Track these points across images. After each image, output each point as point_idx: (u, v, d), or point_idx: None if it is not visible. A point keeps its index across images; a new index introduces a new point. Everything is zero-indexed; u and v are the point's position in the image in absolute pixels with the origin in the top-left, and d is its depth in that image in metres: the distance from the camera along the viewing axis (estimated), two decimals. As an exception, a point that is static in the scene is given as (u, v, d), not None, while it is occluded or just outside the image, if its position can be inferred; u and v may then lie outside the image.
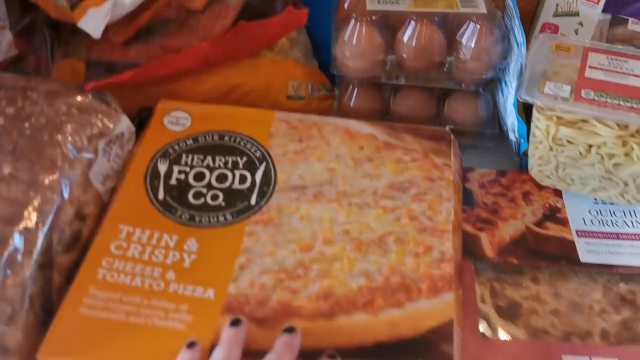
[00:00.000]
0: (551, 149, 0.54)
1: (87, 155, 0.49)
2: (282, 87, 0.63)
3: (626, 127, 0.51)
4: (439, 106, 0.63)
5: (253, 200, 0.52)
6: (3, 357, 0.41)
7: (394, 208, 0.52)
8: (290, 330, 0.43)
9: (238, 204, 0.52)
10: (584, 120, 0.52)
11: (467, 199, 0.57)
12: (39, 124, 0.48)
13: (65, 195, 0.46)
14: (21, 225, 0.43)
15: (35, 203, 0.44)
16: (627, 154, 0.51)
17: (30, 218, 0.44)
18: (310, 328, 0.44)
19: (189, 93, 0.61)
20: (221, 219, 0.51)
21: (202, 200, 0.52)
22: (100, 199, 0.51)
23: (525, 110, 0.58)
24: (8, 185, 0.44)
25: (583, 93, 0.51)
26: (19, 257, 0.42)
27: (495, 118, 0.63)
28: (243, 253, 0.49)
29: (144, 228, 0.50)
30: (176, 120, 0.58)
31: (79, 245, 0.48)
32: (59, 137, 0.48)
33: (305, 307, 0.45)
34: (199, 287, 0.46)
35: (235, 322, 0.44)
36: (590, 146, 0.52)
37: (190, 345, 0.42)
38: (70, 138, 0.48)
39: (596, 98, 0.50)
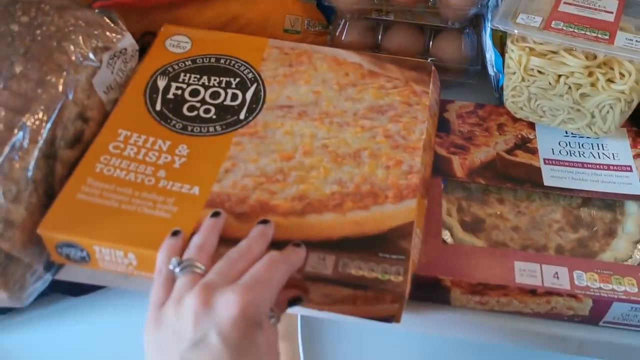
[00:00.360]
0: (523, 79, 0.57)
1: (92, 64, 0.54)
2: (279, 21, 0.67)
3: (594, 57, 0.54)
4: (426, 44, 0.67)
5: (242, 116, 0.57)
6: (9, 230, 0.46)
7: (371, 127, 0.56)
8: (264, 222, 0.48)
9: (228, 117, 0.56)
10: (554, 52, 0.55)
11: (444, 126, 0.61)
12: (49, 32, 0.52)
13: (70, 95, 0.51)
14: (29, 117, 0.48)
15: (43, 99, 0.49)
16: (593, 84, 0.54)
17: (37, 111, 0.49)
18: (283, 223, 0.49)
19: (190, 21, 0.65)
20: (211, 129, 0.56)
21: (195, 113, 0.57)
22: (103, 107, 0.56)
23: (503, 48, 0.61)
24: (19, 82, 0.49)
25: (553, 24, 0.54)
26: (25, 144, 0.47)
27: (479, 56, 0.66)
28: (229, 159, 0.53)
29: (141, 133, 0.54)
30: (177, 43, 0.62)
31: (82, 145, 0.53)
32: (67, 44, 0.53)
33: (280, 206, 0.50)
34: (186, 184, 0.51)
35: (215, 214, 0.48)
36: (559, 76, 0.55)
37: (175, 233, 0.47)
38: (77, 47, 0.53)
39: (564, 28, 0.53)
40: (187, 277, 0.42)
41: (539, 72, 0.56)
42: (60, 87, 0.51)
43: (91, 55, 0.54)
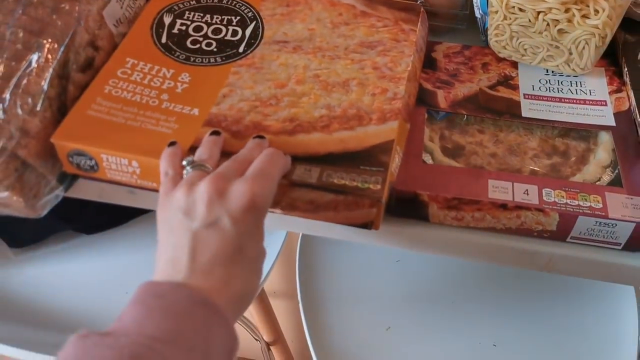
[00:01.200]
0: (505, 17, 0.60)
1: (102, -4, 0.58)
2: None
3: (570, -5, 0.57)
4: (419, -9, 0.70)
5: (241, 49, 0.61)
6: (25, 139, 0.51)
7: (361, 60, 0.60)
8: (260, 137, 0.52)
9: (228, 51, 0.61)
10: (533, -10, 0.58)
11: (431, 64, 0.65)
12: (63, -35, 0.57)
13: (82, 23, 0.56)
14: (44, 38, 0.53)
15: (57, 24, 0.54)
16: (569, 20, 0.58)
17: (52, 34, 0.53)
18: (275, 140, 0.53)
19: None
20: (212, 60, 0.60)
21: (197, 46, 0.61)
22: (112, 38, 0.60)
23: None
24: (36, 8, 0.54)
25: (531, -38, 0.57)
26: (41, 63, 0.52)
27: (469, 1, 0.69)
28: (227, 86, 0.58)
29: (147, 62, 0.59)
30: None
31: (92, 71, 0.58)
32: (80, -23, 0.57)
33: (272, 126, 0.54)
34: (186, 106, 0.56)
35: (214, 132, 0.53)
36: (538, 13, 0.59)
37: (171, 144, 0.51)
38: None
39: (542, -35, 0.57)
40: (196, 172, 0.47)
41: (520, 9, 0.59)
42: (73, 15, 0.55)
43: (102, -11, 0.58)
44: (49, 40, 0.53)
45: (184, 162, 0.48)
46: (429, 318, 0.82)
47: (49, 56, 0.53)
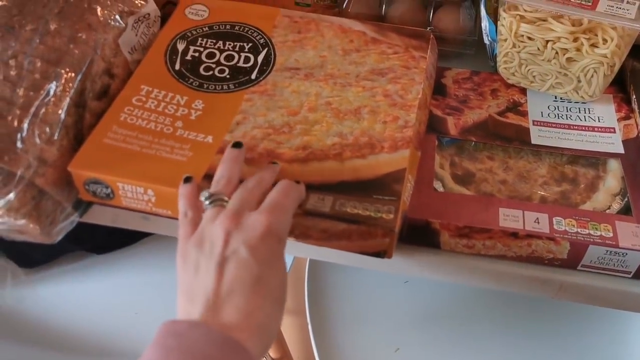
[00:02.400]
0: (514, 45, 0.61)
1: (118, 25, 0.59)
2: (291, -7, 0.73)
3: (579, 24, 0.58)
4: (428, 16, 0.71)
5: (253, 76, 0.62)
6: (42, 167, 0.52)
7: (372, 87, 0.61)
8: (273, 162, 0.53)
9: (240, 77, 0.62)
10: (542, 19, 0.59)
11: (440, 90, 0.65)
12: (80, -5, 0.58)
13: (98, 52, 0.57)
14: (61, 68, 0.54)
15: (74, 53, 0.55)
16: (578, 49, 0.59)
17: (70, 63, 0.54)
18: (288, 169, 0.54)
19: (208, -8, 0.71)
20: (225, 87, 0.61)
21: (210, 73, 0.62)
22: (128, 66, 0.61)
23: (497, 17, 0.66)
24: (53, 38, 0.55)
25: (541, -8, 0.58)
26: (58, 92, 0.53)
27: (477, 28, 0.70)
28: (240, 113, 0.58)
29: (161, 89, 0.60)
30: (196, 11, 0.68)
31: (108, 98, 0.58)
32: (96, 7, 0.58)
33: (285, 154, 0.55)
34: (200, 134, 0.56)
35: (236, 144, 0.52)
36: (547, 42, 0.59)
37: (186, 180, 0.50)
38: (105, 9, 0.58)
39: (551, -4, 0.58)
40: (215, 209, 0.47)
41: (529, 38, 0.60)
42: (90, 44, 0.56)
43: (118, 18, 0.59)
44: (67, 69, 0.54)
45: (202, 198, 0.48)
46: (438, 339, 0.83)
47: (67, 85, 0.54)
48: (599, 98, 0.63)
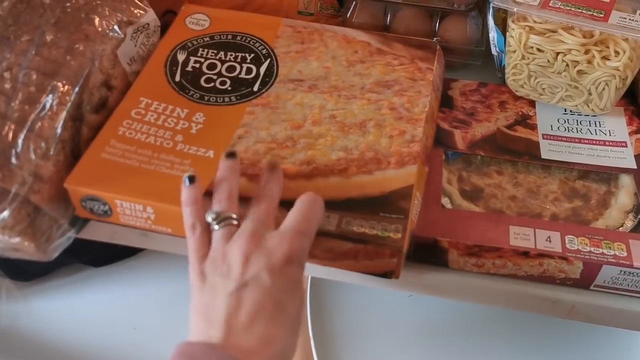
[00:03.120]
0: (523, 57, 0.60)
1: (117, 36, 0.58)
2: (294, 3, 0.71)
3: (591, 36, 0.56)
4: (434, 26, 0.70)
5: (256, 88, 0.60)
6: (38, 184, 0.50)
7: (377, 100, 0.59)
8: (271, 165, 0.50)
9: (242, 89, 0.60)
10: (552, 31, 0.58)
11: (447, 103, 0.64)
12: (78, 5, 0.56)
13: (96, 64, 0.55)
14: (58, 80, 0.52)
15: (71, 65, 0.53)
16: (589, 62, 0.57)
17: (66, 75, 0.53)
18: (292, 185, 0.52)
19: (209, 2, 0.69)
20: (227, 99, 0.59)
21: (212, 85, 0.60)
22: (126, 77, 0.60)
23: (505, 28, 0.64)
24: (50, 49, 0.53)
25: (551, 2, 0.56)
26: (55, 105, 0.51)
27: (484, 38, 0.69)
28: (242, 127, 0.57)
29: (161, 101, 0.58)
30: (197, 21, 0.66)
31: (106, 111, 0.57)
32: (94, 17, 0.56)
33: (289, 169, 0.53)
34: (201, 148, 0.55)
35: (230, 154, 0.49)
36: (557, 54, 0.58)
37: (190, 180, 0.47)
38: (103, 19, 0.57)
39: (562, 7, 0.56)
40: (226, 229, 0.45)
41: (538, 49, 0.59)
42: (88, 55, 0.54)
43: (116, 28, 0.58)
44: (63, 82, 0.52)
45: (209, 219, 0.46)
46: (442, 354, 0.81)
47: (63, 98, 0.52)
48: (610, 111, 0.62)
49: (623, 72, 0.56)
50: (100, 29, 0.56)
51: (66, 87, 0.52)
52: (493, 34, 0.64)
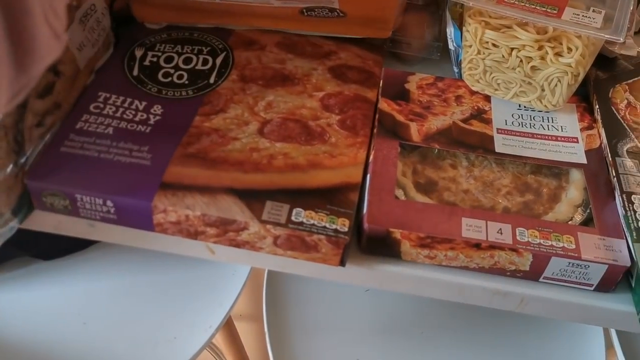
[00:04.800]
0: (479, 52, 0.60)
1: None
2: None
3: (545, 32, 0.57)
4: (392, 20, 0.70)
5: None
6: (-22, 170, 0.48)
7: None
8: None
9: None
10: (507, 26, 0.58)
11: (404, 96, 0.64)
12: (24, -14, 0.54)
13: (42, 47, 0.53)
14: (1, 63, 0.50)
15: (15, 48, 0.51)
16: (542, 58, 0.58)
17: (9, 59, 0.51)
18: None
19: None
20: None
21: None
22: (75, 62, 0.58)
23: (462, 23, 0.65)
24: (-8, 31, 0.51)
25: (506, -2, 0.57)
26: (-3, 90, 0.49)
27: (442, 33, 0.69)
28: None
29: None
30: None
31: (52, 96, 0.55)
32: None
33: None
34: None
35: None
36: (512, 49, 0.58)
37: None
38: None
39: (517, 2, 0.56)
40: None
41: (494, 45, 0.59)
42: (33, 39, 0.52)
43: (64, 12, 0.56)
44: (6, 65, 0.50)
45: None
46: (398, 349, 0.81)
47: (6, 82, 0.50)
48: (563, 107, 0.63)
49: (575, 68, 0.57)
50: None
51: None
52: (450, 28, 0.64)
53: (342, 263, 0.51)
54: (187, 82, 0.60)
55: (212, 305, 0.81)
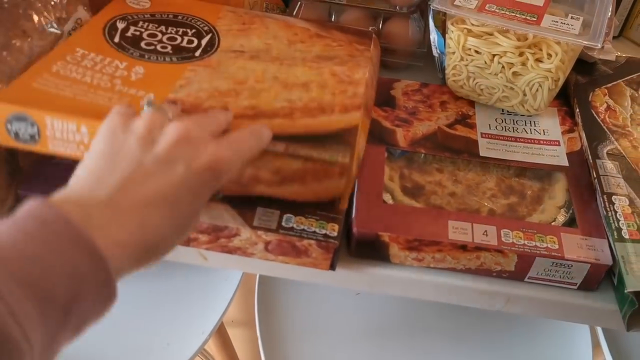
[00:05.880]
0: (462, 58, 0.62)
1: (55, 31, 0.57)
2: (239, 3, 0.71)
3: (525, 39, 0.59)
4: (377, 27, 0.71)
5: (197, 54, 0.59)
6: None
7: (319, 67, 0.60)
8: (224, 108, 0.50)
9: (184, 54, 0.59)
10: (489, 34, 0.60)
11: (390, 102, 0.65)
12: (15, 1, 0.55)
13: (34, 59, 0.54)
14: (-7, 76, 0.51)
15: (8, 61, 0.52)
16: (523, 64, 0.59)
17: (2, 71, 0.51)
18: (235, 123, 0.50)
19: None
20: (167, 59, 0.58)
21: (152, 47, 0.59)
22: (66, 74, 0.59)
23: (445, 30, 0.66)
24: (-16, 44, 0.52)
25: (487, 6, 0.58)
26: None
27: (426, 40, 0.70)
28: (184, 79, 0.55)
29: (98, 53, 0.56)
30: (137, 2, 0.65)
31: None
32: (32, 12, 0.55)
33: (233, 111, 0.52)
34: (141, 90, 0.53)
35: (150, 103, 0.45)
36: (494, 56, 0.60)
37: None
38: (41, 15, 0.56)
39: (497, 10, 0.58)
40: (159, 112, 0.42)
41: (476, 51, 0.61)
42: (25, 52, 0.53)
43: (54, 24, 0.57)
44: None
45: (143, 102, 0.43)
46: (389, 352, 0.82)
47: None
48: (544, 111, 0.64)
49: (555, 73, 0.59)
50: (37, 25, 0.55)
51: (2, 84, 0.51)
52: (434, 35, 0.66)
53: (332, 267, 0.52)
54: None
55: (205, 311, 0.82)
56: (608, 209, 0.54)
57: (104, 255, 0.34)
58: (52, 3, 0.57)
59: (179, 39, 0.61)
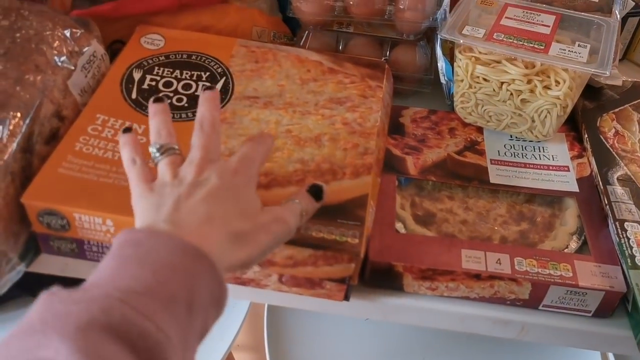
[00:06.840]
0: (470, 86, 0.62)
1: (68, 66, 0.57)
2: (247, 32, 0.72)
3: (532, 66, 0.59)
4: (384, 54, 0.72)
5: None
6: (-14, 218, 0.49)
7: (331, 116, 0.61)
8: (209, 88, 0.50)
9: None
10: (497, 61, 0.60)
11: (399, 130, 0.66)
12: (28, 35, 0.56)
13: (47, 94, 0.54)
14: (8, 113, 0.51)
15: (21, 96, 0.52)
16: (531, 91, 0.60)
17: (16, 106, 0.52)
18: None
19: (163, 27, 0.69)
20: (183, 115, 0.59)
21: (168, 102, 0.60)
22: (77, 107, 0.59)
23: (453, 57, 0.67)
24: (-2, 80, 0.52)
25: (495, 35, 0.59)
26: (4, 138, 0.50)
27: (433, 66, 0.71)
28: None
29: (117, 118, 0.58)
30: (151, 41, 0.67)
31: (57, 142, 0.56)
32: (44, 47, 0.56)
33: None
34: None
35: (157, 99, 0.49)
36: (502, 83, 0.60)
37: (126, 130, 0.48)
38: (53, 50, 0.56)
39: (505, 39, 0.59)
40: (172, 157, 0.45)
41: (484, 79, 0.61)
42: (38, 86, 0.54)
43: (66, 59, 0.57)
44: (13, 113, 0.51)
45: (153, 149, 0.46)
46: (399, 377, 0.82)
47: (14, 130, 0.51)
48: (553, 137, 0.65)
49: (564, 100, 0.59)
50: (50, 60, 0.56)
51: (16, 118, 0.51)
52: (441, 63, 0.66)
53: (346, 298, 0.52)
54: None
55: (214, 340, 0.82)
56: (621, 236, 0.54)
57: (204, 251, 0.38)
58: (64, 37, 0.58)
59: (194, 85, 0.62)
